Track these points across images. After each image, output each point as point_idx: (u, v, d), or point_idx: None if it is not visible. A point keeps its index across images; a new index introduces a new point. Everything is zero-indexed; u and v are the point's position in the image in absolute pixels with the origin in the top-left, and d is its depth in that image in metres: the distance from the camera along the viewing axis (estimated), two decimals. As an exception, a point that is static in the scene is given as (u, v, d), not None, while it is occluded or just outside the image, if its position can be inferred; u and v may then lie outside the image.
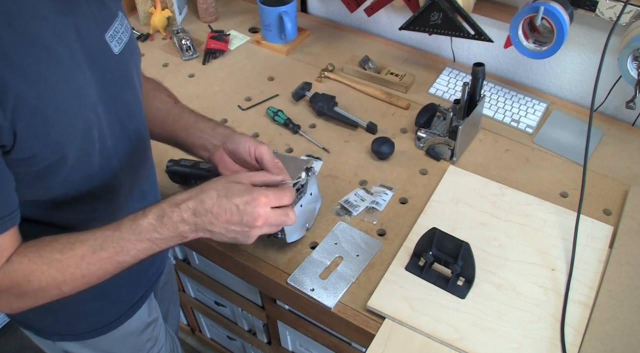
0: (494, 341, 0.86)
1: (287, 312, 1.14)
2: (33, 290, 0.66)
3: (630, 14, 1.06)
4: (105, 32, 0.71)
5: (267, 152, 0.80)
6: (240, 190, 0.68)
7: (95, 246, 0.66)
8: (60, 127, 0.64)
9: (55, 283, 0.66)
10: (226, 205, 0.67)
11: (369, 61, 1.37)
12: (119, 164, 0.78)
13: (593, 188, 1.10)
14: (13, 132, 0.60)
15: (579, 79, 1.30)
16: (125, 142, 0.79)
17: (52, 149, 0.65)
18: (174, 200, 0.68)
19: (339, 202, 1.07)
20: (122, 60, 0.74)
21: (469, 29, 1.22)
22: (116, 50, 0.73)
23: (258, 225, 0.69)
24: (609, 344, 0.85)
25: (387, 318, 0.90)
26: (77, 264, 0.66)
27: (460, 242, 0.88)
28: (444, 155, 1.16)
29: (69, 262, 0.66)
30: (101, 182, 0.76)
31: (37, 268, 0.65)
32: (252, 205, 0.67)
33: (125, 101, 0.77)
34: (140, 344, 1.02)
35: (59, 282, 0.66)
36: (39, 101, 0.61)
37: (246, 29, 1.56)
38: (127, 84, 0.77)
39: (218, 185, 0.68)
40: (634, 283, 0.92)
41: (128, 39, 0.76)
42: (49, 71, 0.62)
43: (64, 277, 0.66)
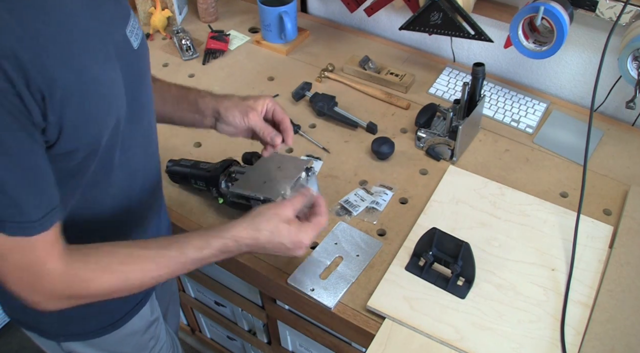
0: (494, 341, 0.86)
1: (287, 312, 1.14)
2: (88, 295, 0.69)
3: (630, 14, 1.06)
4: (126, 27, 0.73)
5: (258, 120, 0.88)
6: (288, 233, 0.77)
7: (160, 264, 0.72)
8: (98, 120, 0.66)
9: (112, 290, 0.70)
10: (276, 245, 0.77)
11: (369, 61, 1.37)
12: (135, 158, 0.80)
13: (593, 188, 1.10)
14: (59, 127, 0.61)
15: (579, 79, 1.30)
16: (139, 136, 0.80)
17: (90, 142, 0.67)
18: (235, 236, 0.76)
19: (339, 202, 1.07)
20: (140, 56, 0.77)
21: (469, 29, 1.22)
22: (135, 45, 0.75)
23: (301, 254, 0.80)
24: (609, 344, 0.85)
25: (387, 318, 0.90)
26: (138, 277, 0.71)
27: (460, 242, 0.88)
28: (444, 155, 1.16)
29: (131, 275, 0.70)
30: (119, 176, 0.78)
31: (99, 277, 0.68)
32: (297, 245, 0.78)
33: (142, 96, 0.79)
34: (143, 343, 1.02)
35: (118, 289, 0.70)
36: (82, 94, 0.62)
37: (246, 29, 1.56)
38: (144, 78, 0.79)
39: (271, 226, 0.76)
40: (634, 283, 0.92)
41: (142, 35, 0.78)
42: (88, 64, 0.63)
43: (125, 286, 0.70)
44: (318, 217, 0.80)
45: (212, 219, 1.07)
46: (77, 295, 0.69)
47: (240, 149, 1.15)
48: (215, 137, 1.22)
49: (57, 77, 0.59)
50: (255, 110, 0.88)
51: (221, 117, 0.89)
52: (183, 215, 1.08)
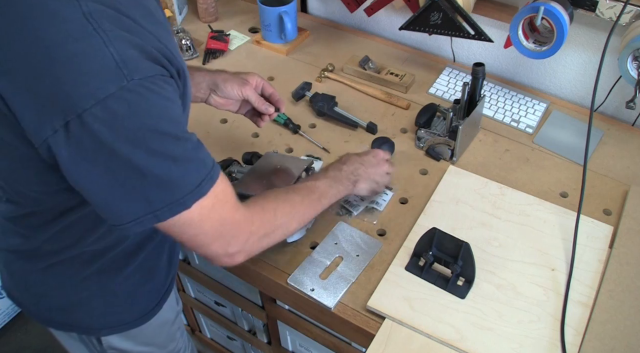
0: (494, 341, 0.86)
1: (287, 312, 1.14)
2: (275, 227, 0.79)
3: (630, 14, 1.06)
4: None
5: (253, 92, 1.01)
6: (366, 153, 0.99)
7: (308, 190, 0.87)
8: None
9: (289, 218, 0.82)
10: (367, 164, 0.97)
11: (369, 61, 1.37)
12: None
13: (593, 188, 1.10)
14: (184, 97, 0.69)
15: (579, 79, 1.30)
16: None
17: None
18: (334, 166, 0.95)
19: (339, 202, 1.07)
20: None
21: (469, 29, 1.22)
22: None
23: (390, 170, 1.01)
24: (609, 344, 0.85)
25: (387, 318, 0.90)
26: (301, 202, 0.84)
27: (460, 242, 0.88)
28: (444, 155, 1.16)
29: (296, 201, 0.84)
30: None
31: (279, 206, 0.81)
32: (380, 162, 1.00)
33: None
34: (172, 333, 1.04)
35: (292, 217, 0.82)
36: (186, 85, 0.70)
37: (246, 29, 1.56)
38: None
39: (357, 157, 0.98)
40: (634, 283, 0.92)
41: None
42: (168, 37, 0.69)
43: (296, 212, 0.83)
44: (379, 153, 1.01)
45: (212, 219, 1.07)
46: (269, 230, 0.78)
47: (240, 149, 1.15)
48: (216, 137, 1.22)
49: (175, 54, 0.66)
50: (250, 84, 1.00)
51: (219, 88, 0.98)
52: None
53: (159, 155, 0.61)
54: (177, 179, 0.63)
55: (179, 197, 0.64)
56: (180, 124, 0.65)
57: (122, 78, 0.57)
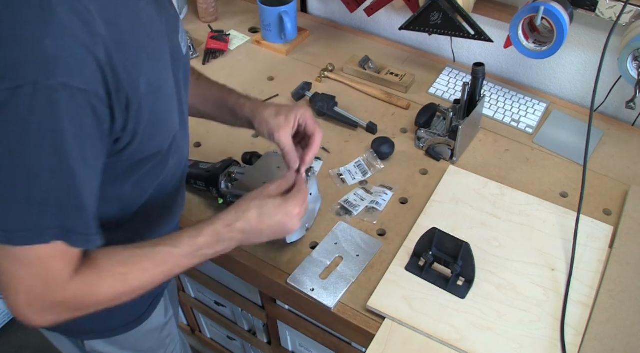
0: (494, 341, 0.86)
1: (287, 312, 1.14)
2: (95, 303, 0.67)
3: (630, 14, 1.06)
4: (178, 33, 0.75)
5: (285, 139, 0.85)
6: (275, 206, 0.76)
7: (157, 261, 0.70)
8: (166, 126, 0.68)
9: (117, 296, 0.68)
10: (268, 221, 0.76)
11: (369, 61, 1.37)
12: (181, 159, 0.83)
13: (593, 188, 1.10)
14: (133, 134, 0.62)
15: (579, 79, 1.30)
16: (185, 138, 0.83)
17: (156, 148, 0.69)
18: (225, 220, 0.74)
19: (339, 202, 1.07)
20: (186, 60, 0.79)
21: (469, 29, 1.22)
22: (184, 51, 0.77)
23: (296, 225, 0.79)
24: (609, 344, 0.85)
25: (387, 318, 0.90)
26: (138, 277, 0.69)
27: (460, 242, 0.88)
28: (444, 155, 1.16)
29: (132, 276, 0.68)
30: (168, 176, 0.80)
31: (104, 282, 0.66)
32: (289, 214, 0.77)
33: (184, 97, 0.81)
34: (161, 340, 1.03)
35: (121, 294, 0.69)
36: (155, 100, 0.64)
37: (246, 29, 1.56)
38: (186, 83, 0.81)
39: (257, 203, 0.76)
40: (634, 283, 0.92)
41: (189, 41, 0.80)
42: (159, 69, 0.65)
43: (126, 289, 0.69)
44: (298, 186, 0.81)
45: (212, 219, 1.07)
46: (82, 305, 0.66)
47: (240, 149, 1.15)
48: (216, 137, 1.22)
49: (139, 81, 0.59)
50: (285, 129, 0.85)
51: (255, 128, 0.89)
52: (183, 215, 1.08)
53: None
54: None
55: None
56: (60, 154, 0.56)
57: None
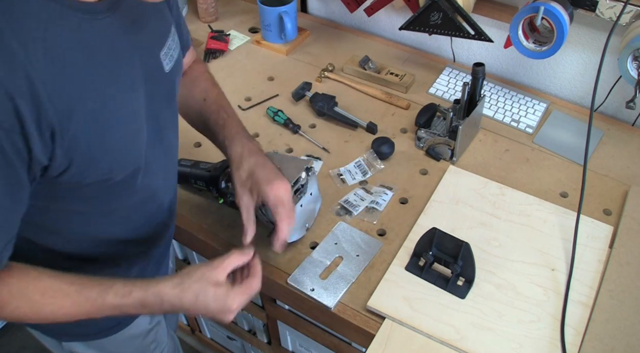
0: (494, 341, 0.86)
1: (287, 312, 1.14)
2: (3, 315, 0.68)
3: (630, 14, 1.06)
4: (161, 50, 0.73)
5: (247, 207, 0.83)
6: (215, 298, 0.71)
7: (77, 304, 0.69)
8: (118, 151, 0.66)
9: (25, 318, 0.68)
10: (201, 309, 0.71)
11: (369, 61, 1.37)
12: (156, 179, 0.80)
13: (593, 188, 1.10)
14: (69, 160, 0.61)
15: (579, 79, 1.30)
16: (160, 157, 0.80)
17: (107, 172, 0.67)
18: (159, 291, 0.70)
19: (339, 202, 1.07)
20: (170, 78, 0.76)
21: (469, 29, 1.22)
22: (167, 68, 0.74)
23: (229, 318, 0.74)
24: (609, 344, 0.85)
25: (387, 318, 0.90)
26: (53, 311, 0.68)
27: (460, 242, 0.88)
28: (444, 155, 1.16)
29: (46, 307, 0.68)
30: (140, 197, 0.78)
31: (14, 302, 0.66)
32: (224, 312, 0.72)
33: (165, 117, 0.78)
34: (144, 346, 1.02)
35: (30, 318, 0.68)
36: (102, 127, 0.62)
37: (246, 29, 1.56)
38: (170, 100, 0.79)
39: (198, 286, 0.71)
40: (634, 283, 0.92)
41: (177, 55, 0.77)
42: (113, 96, 0.63)
43: (37, 317, 0.68)
44: (251, 278, 0.75)
45: (212, 219, 1.07)
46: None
47: (240, 149, 1.15)
48: (215, 137, 1.22)
49: (75, 109, 0.58)
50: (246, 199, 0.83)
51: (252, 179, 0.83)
52: (183, 215, 1.08)
53: None
54: None
55: None
56: None
57: None
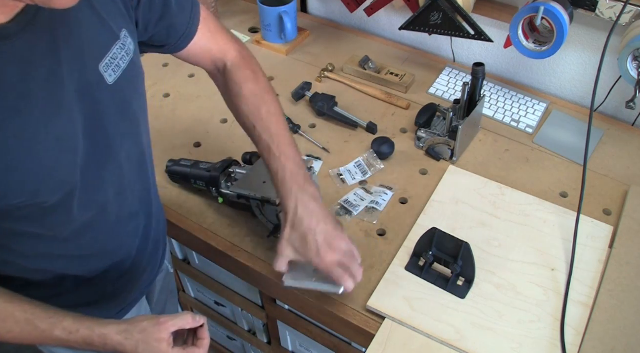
0: (494, 341, 0.86)
1: (287, 312, 1.14)
2: None
3: (630, 14, 1.06)
4: (100, 62, 0.68)
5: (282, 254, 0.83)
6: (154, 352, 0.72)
7: (25, 332, 0.70)
8: (36, 177, 0.63)
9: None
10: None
11: (369, 61, 1.37)
12: (104, 194, 0.76)
13: (593, 188, 1.10)
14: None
15: (579, 79, 1.30)
16: (116, 171, 0.77)
17: (28, 197, 0.64)
18: (104, 334, 0.72)
19: (339, 202, 1.07)
20: (116, 90, 0.71)
21: (469, 29, 1.22)
22: (110, 80, 0.70)
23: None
24: (609, 344, 0.85)
25: (387, 318, 0.90)
26: (1, 334, 0.70)
27: (460, 242, 0.88)
28: (444, 155, 1.16)
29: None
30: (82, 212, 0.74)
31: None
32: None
33: (118, 128, 0.74)
34: None
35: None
36: (12, 155, 0.59)
37: (246, 29, 1.56)
38: (121, 112, 0.74)
39: (142, 337, 0.72)
40: (634, 283, 0.92)
41: (127, 64, 0.72)
42: (27, 122, 0.60)
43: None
44: (195, 349, 0.75)
45: (211, 219, 1.07)
46: None
47: (240, 149, 1.15)
48: (215, 137, 1.22)
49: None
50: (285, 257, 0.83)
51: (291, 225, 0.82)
52: (183, 215, 1.08)
53: None
54: None
55: None
56: None
57: None
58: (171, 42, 0.84)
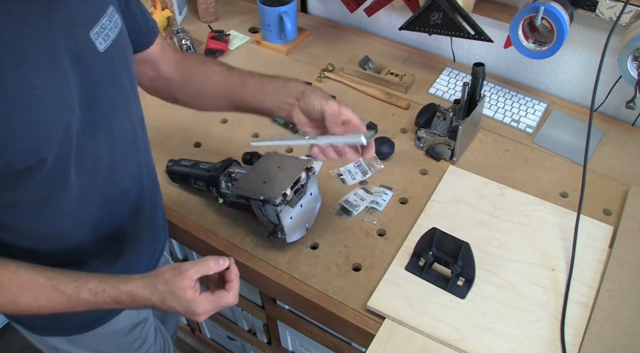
0: (494, 341, 0.86)
1: (287, 312, 1.15)
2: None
3: (630, 14, 1.06)
4: (91, 29, 0.70)
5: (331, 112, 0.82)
6: (181, 301, 0.73)
7: (52, 299, 0.71)
8: (36, 132, 0.63)
9: (2, 309, 0.72)
10: (170, 310, 0.74)
11: (369, 61, 1.37)
12: (97, 165, 0.77)
13: (593, 188, 1.10)
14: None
15: (579, 79, 1.30)
16: (108, 142, 0.77)
17: (29, 154, 0.64)
18: (131, 290, 0.73)
19: (339, 202, 1.07)
20: (108, 58, 0.73)
21: (469, 29, 1.22)
22: (101, 48, 0.71)
23: (200, 320, 0.76)
24: (609, 344, 0.85)
25: (387, 318, 0.90)
26: (29, 303, 0.71)
27: (460, 242, 0.88)
28: (444, 155, 1.16)
29: (23, 299, 0.70)
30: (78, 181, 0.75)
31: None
32: (191, 314, 0.75)
33: (110, 99, 0.75)
34: (127, 343, 1.01)
35: (7, 310, 0.72)
36: (12, 108, 0.60)
37: (246, 29, 1.56)
38: (113, 81, 0.76)
39: (166, 289, 0.73)
40: (634, 283, 0.92)
41: (116, 35, 0.75)
42: (23, 77, 0.61)
43: (13, 308, 0.71)
44: (224, 292, 0.76)
45: (212, 219, 1.07)
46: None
47: (240, 149, 1.15)
48: (215, 137, 1.22)
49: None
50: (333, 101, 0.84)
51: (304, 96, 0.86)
52: (183, 215, 1.08)
53: None
54: None
55: None
56: None
57: None
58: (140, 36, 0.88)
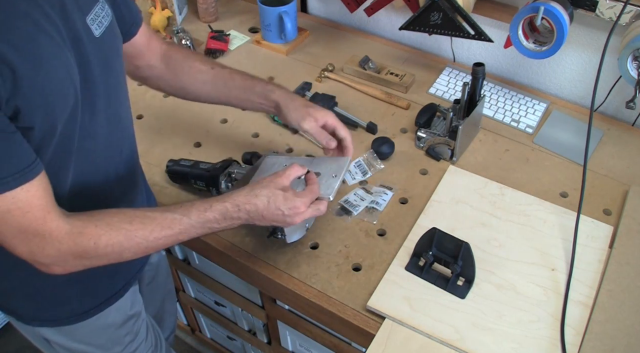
0: (494, 341, 0.86)
1: (287, 312, 1.15)
2: (96, 254, 0.72)
3: (630, 14, 1.06)
4: (87, 15, 0.73)
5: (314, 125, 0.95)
6: (284, 199, 0.81)
7: (164, 225, 0.76)
8: (54, 98, 0.67)
9: (119, 250, 0.73)
10: (274, 211, 0.80)
11: (369, 61, 1.37)
12: (94, 145, 0.80)
13: (593, 188, 1.10)
14: (14, 104, 0.62)
15: (579, 79, 1.30)
16: (103, 124, 0.80)
17: (48, 120, 0.67)
18: (235, 200, 0.80)
19: (339, 202, 1.07)
20: (102, 44, 0.76)
21: (469, 29, 1.22)
22: (97, 33, 0.75)
23: (297, 221, 0.83)
24: (609, 344, 0.85)
25: (387, 318, 0.90)
26: (144, 236, 0.74)
27: (460, 242, 0.88)
28: (444, 155, 1.16)
29: (137, 233, 0.74)
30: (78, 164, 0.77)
31: (105, 234, 0.72)
32: (294, 210, 0.81)
33: (105, 84, 0.78)
34: (118, 337, 1.01)
35: (124, 248, 0.74)
36: (35, 74, 0.63)
37: (246, 29, 1.56)
38: (107, 67, 0.78)
39: (267, 191, 0.81)
40: (634, 283, 0.92)
41: (109, 23, 0.78)
42: (41, 46, 0.64)
43: (129, 245, 0.74)
44: (311, 185, 0.85)
45: (212, 219, 1.07)
46: (85, 254, 0.71)
47: (240, 149, 1.15)
48: (215, 137, 1.22)
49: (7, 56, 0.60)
50: (313, 117, 0.94)
51: (281, 112, 0.96)
52: (183, 215, 1.08)
53: None
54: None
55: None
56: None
57: None
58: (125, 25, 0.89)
